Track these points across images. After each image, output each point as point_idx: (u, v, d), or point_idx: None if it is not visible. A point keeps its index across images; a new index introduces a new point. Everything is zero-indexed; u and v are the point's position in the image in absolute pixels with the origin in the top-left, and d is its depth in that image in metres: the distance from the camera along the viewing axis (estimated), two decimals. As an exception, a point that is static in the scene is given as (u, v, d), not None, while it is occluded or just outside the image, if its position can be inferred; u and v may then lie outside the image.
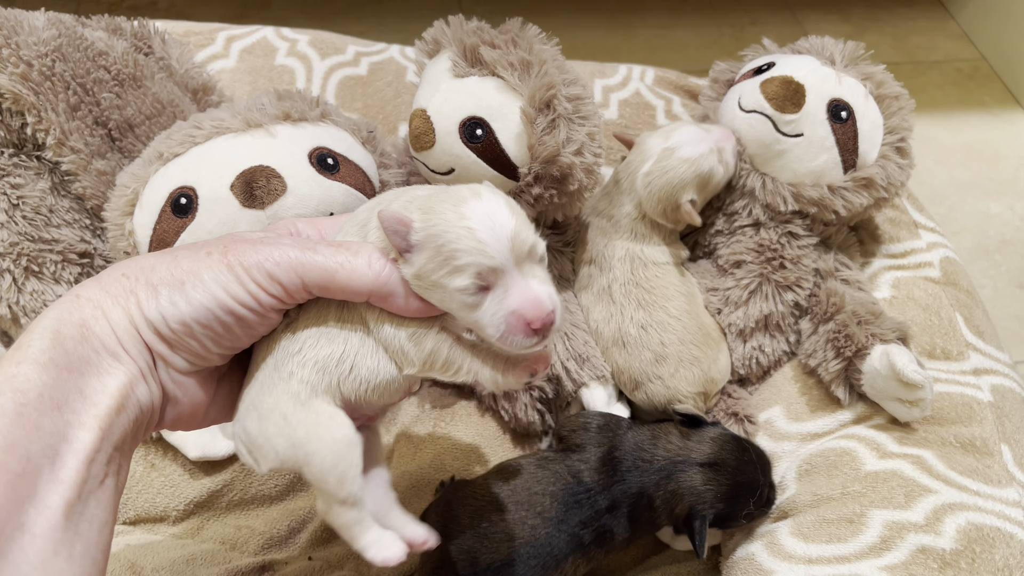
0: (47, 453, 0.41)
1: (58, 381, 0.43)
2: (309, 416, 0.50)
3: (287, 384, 0.50)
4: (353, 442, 0.50)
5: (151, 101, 0.83)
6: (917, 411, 0.76)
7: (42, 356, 0.43)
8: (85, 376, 0.44)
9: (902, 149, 0.83)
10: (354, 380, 0.51)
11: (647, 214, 0.84)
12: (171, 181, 0.74)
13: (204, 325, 0.47)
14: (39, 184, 0.79)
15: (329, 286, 0.49)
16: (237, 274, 0.47)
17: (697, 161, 0.81)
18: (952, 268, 0.91)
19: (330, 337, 0.51)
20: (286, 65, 1.02)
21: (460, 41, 0.78)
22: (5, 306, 0.77)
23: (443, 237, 0.47)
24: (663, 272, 0.85)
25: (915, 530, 0.68)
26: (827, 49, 0.85)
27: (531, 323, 0.47)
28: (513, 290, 0.48)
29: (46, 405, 0.42)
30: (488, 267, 0.47)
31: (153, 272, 0.48)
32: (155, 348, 0.47)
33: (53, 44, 0.77)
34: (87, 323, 0.45)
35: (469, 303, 0.48)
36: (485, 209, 0.48)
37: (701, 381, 0.82)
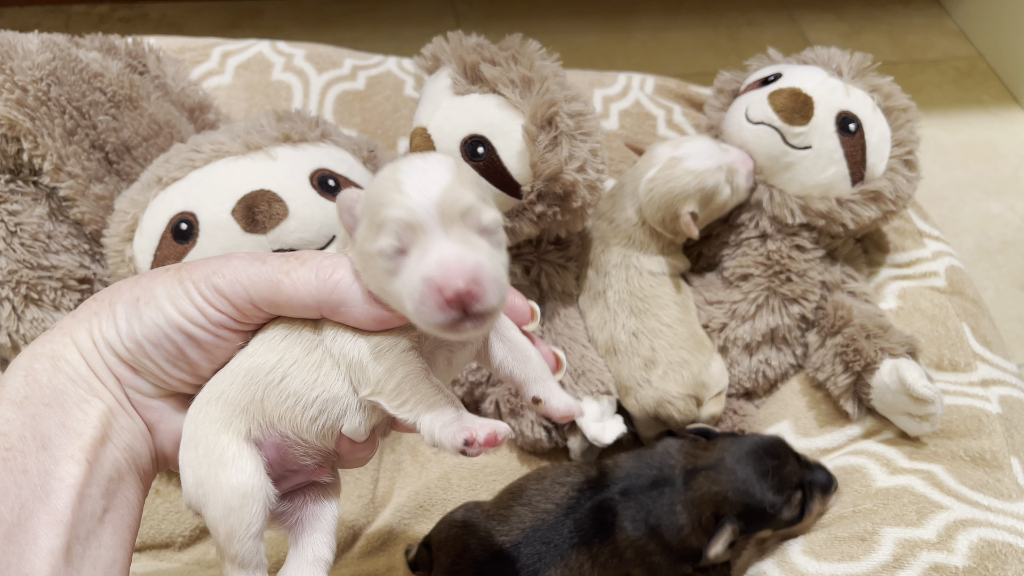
0: (39, 495, 0.40)
1: (37, 419, 0.42)
2: (215, 450, 0.44)
3: (213, 407, 0.45)
4: (249, 495, 0.43)
5: (148, 122, 0.82)
6: (927, 425, 0.75)
7: (17, 395, 0.42)
8: (65, 408, 0.43)
9: (910, 162, 0.83)
10: (281, 394, 0.45)
11: (647, 221, 0.83)
12: (171, 206, 0.73)
13: (155, 344, 0.45)
14: (37, 210, 0.78)
15: (275, 299, 0.45)
16: (186, 288, 0.45)
17: (702, 175, 0.80)
18: (958, 277, 0.90)
19: (270, 347, 0.46)
20: (283, 81, 1.01)
21: (460, 58, 0.77)
22: (5, 335, 0.76)
23: (372, 197, 0.42)
24: (658, 282, 0.84)
25: (927, 547, 0.68)
26: (834, 60, 0.85)
27: (442, 289, 0.39)
28: (430, 252, 0.40)
29: (30, 446, 0.41)
30: (406, 222, 0.40)
31: (117, 293, 0.46)
32: (117, 371, 0.46)
33: (48, 68, 0.76)
34: (58, 353, 0.44)
35: (387, 268, 0.41)
36: (420, 165, 0.42)
37: (691, 384, 0.81)
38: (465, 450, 0.42)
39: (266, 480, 0.45)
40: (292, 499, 0.50)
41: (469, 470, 0.85)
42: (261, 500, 0.44)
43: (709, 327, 0.86)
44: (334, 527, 0.50)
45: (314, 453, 0.47)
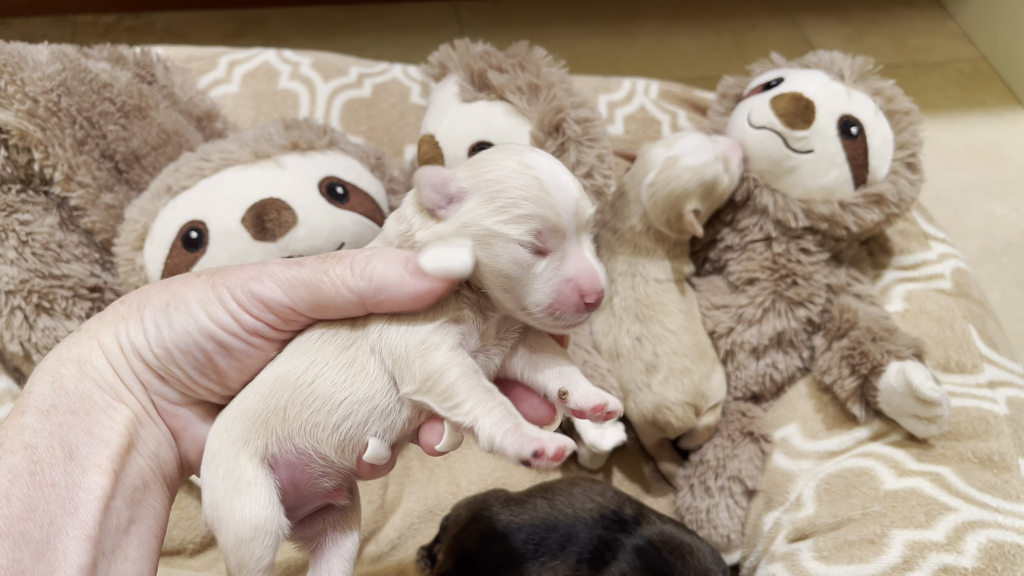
0: (67, 509, 0.39)
1: (64, 427, 0.41)
2: (232, 474, 0.43)
3: (236, 424, 0.45)
4: (261, 527, 0.43)
5: (156, 131, 0.83)
6: (935, 427, 0.75)
7: (44, 402, 0.41)
8: (91, 415, 0.42)
9: (912, 164, 0.83)
10: (308, 398, 0.44)
11: (652, 224, 0.84)
12: (181, 215, 0.73)
13: (184, 351, 0.44)
14: (47, 219, 0.78)
15: (317, 300, 0.44)
16: (219, 294, 0.44)
17: (701, 169, 0.81)
18: (963, 279, 0.90)
19: (303, 351, 0.45)
20: (289, 89, 1.01)
21: (467, 66, 0.77)
22: (17, 343, 0.76)
23: (505, 182, 0.42)
24: (663, 289, 0.85)
25: (937, 549, 0.68)
26: (836, 64, 0.85)
27: (586, 295, 0.42)
28: (572, 257, 0.43)
29: (58, 457, 0.40)
30: (552, 225, 0.42)
31: (146, 297, 0.45)
32: (143, 377, 0.45)
33: (58, 79, 0.77)
34: (84, 357, 0.44)
35: (520, 260, 0.42)
36: (550, 164, 0.43)
37: (691, 392, 0.82)
38: (531, 461, 0.40)
39: (279, 511, 0.44)
40: (312, 524, 0.49)
41: (478, 475, 0.85)
42: (273, 533, 0.43)
43: (716, 331, 0.86)
44: (353, 555, 0.49)
45: (332, 472, 0.46)
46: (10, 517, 0.38)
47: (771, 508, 0.81)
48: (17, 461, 0.39)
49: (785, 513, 0.79)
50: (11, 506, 0.38)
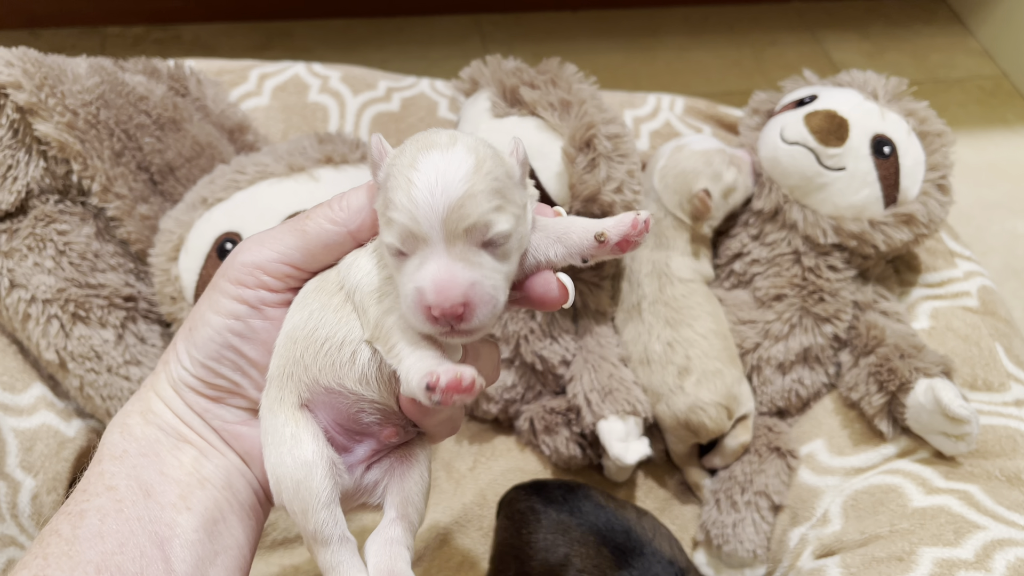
0: (155, 542, 0.42)
1: (138, 469, 0.44)
2: (276, 434, 0.44)
3: (267, 391, 0.46)
4: (311, 463, 0.43)
5: (190, 143, 0.84)
6: (963, 445, 0.75)
7: (116, 449, 0.45)
8: (160, 457, 0.45)
9: (943, 186, 0.83)
10: (315, 343, 0.44)
11: (668, 210, 0.87)
12: (216, 226, 0.74)
13: (216, 359, 0.46)
14: (84, 229, 0.79)
15: (307, 246, 0.45)
16: (220, 287, 0.45)
17: (707, 152, 0.86)
18: (990, 297, 0.91)
19: (302, 305, 0.45)
20: (319, 102, 1.02)
21: (499, 82, 0.78)
22: (53, 351, 0.77)
23: (390, 182, 0.41)
24: (689, 291, 0.86)
25: (965, 567, 0.68)
26: (870, 84, 0.86)
27: (431, 308, 0.39)
28: (427, 266, 0.40)
29: (137, 495, 0.43)
30: (410, 231, 0.40)
31: (178, 334, 0.48)
32: (199, 408, 0.47)
33: (97, 92, 0.78)
34: (146, 407, 0.47)
35: (392, 262, 0.42)
36: (440, 165, 0.40)
37: (723, 393, 0.82)
38: (431, 396, 0.39)
39: (325, 446, 0.44)
40: (377, 473, 0.48)
41: (503, 486, 0.85)
42: (323, 465, 0.44)
43: (742, 347, 0.86)
44: (417, 501, 0.48)
45: (370, 408, 0.46)
46: (105, 552, 0.41)
47: (797, 524, 0.81)
48: (103, 502, 0.42)
49: (811, 529, 0.79)
50: (105, 542, 0.41)
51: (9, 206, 0.76)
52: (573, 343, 0.85)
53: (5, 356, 0.80)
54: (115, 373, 0.79)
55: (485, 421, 0.90)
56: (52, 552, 0.41)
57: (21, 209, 0.78)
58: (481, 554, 0.81)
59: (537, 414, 0.85)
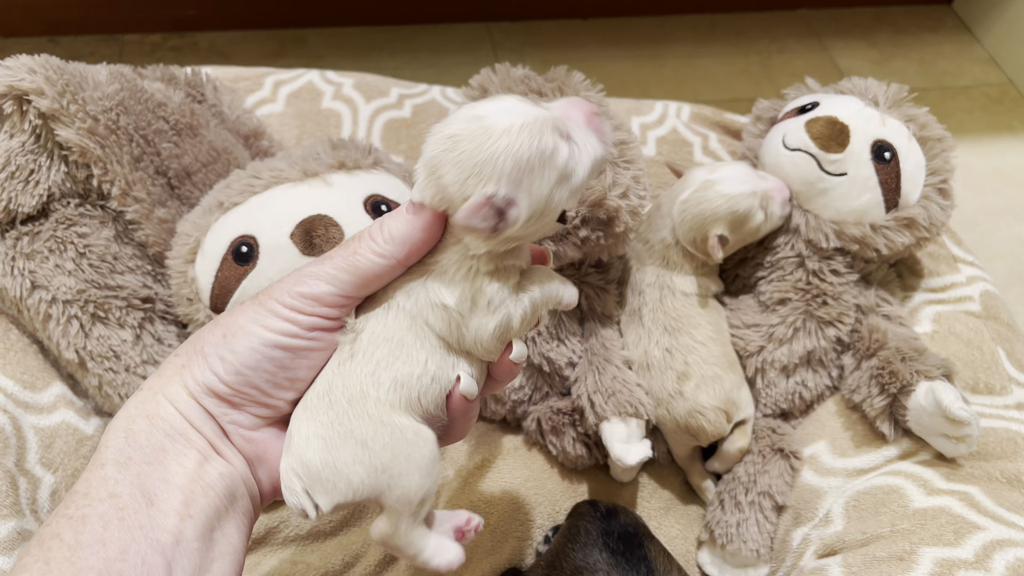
0: (156, 550, 0.42)
1: (142, 477, 0.44)
2: (394, 437, 0.48)
3: (362, 406, 0.48)
4: (438, 458, 0.49)
5: (207, 149, 0.86)
6: (964, 447, 0.76)
7: (121, 456, 0.45)
8: (165, 465, 0.45)
9: (944, 190, 0.84)
10: (435, 389, 0.49)
11: (680, 241, 0.86)
12: (232, 230, 0.76)
13: (254, 368, 0.47)
14: (103, 232, 0.81)
15: (359, 278, 0.48)
16: (271, 308, 0.47)
17: (734, 199, 0.83)
18: (992, 302, 0.92)
19: (404, 350, 0.49)
20: (332, 109, 1.05)
21: (508, 89, 0.80)
22: (72, 351, 0.79)
23: (519, 155, 0.44)
24: (690, 303, 0.87)
25: (965, 567, 0.69)
26: (871, 90, 0.87)
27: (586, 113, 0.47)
28: (580, 123, 0.47)
29: (140, 503, 0.43)
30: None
31: (199, 341, 0.49)
32: (215, 412, 0.48)
33: (117, 98, 0.80)
34: (152, 412, 0.47)
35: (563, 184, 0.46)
36: (503, 108, 0.46)
37: (722, 398, 0.83)
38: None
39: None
40: None
41: (510, 484, 0.87)
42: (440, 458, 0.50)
43: (746, 350, 0.88)
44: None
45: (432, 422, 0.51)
46: (107, 559, 0.41)
47: (800, 524, 0.82)
48: (106, 509, 0.43)
49: (814, 529, 0.80)
50: (107, 549, 0.41)
51: (31, 209, 0.78)
52: (579, 345, 0.87)
53: (26, 355, 0.83)
54: (133, 372, 0.81)
55: (493, 421, 0.92)
56: (54, 557, 0.41)
57: (43, 212, 0.80)
58: (486, 549, 0.83)
59: (544, 415, 0.86)
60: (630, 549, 0.70)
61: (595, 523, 0.72)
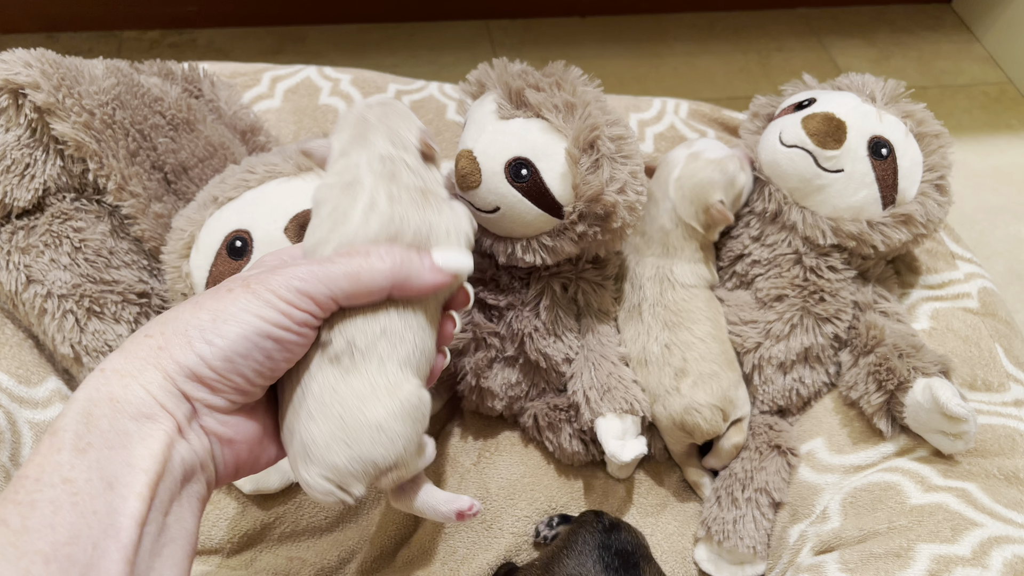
0: (109, 533, 0.41)
1: (102, 461, 0.43)
2: (404, 408, 0.51)
3: (373, 398, 0.51)
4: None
5: (204, 144, 0.86)
6: (961, 444, 0.76)
7: (80, 442, 0.43)
8: (128, 448, 0.44)
9: (941, 187, 0.84)
10: (426, 360, 0.55)
11: (681, 220, 0.87)
12: (226, 224, 0.76)
13: (244, 356, 0.48)
14: (99, 227, 0.81)
15: (355, 289, 0.50)
16: (266, 299, 0.48)
17: (722, 162, 0.87)
18: (990, 299, 0.91)
19: (398, 336, 0.53)
20: (330, 104, 1.04)
21: (505, 84, 0.80)
22: (68, 346, 0.79)
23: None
24: (690, 296, 0.87)
25: (962, 564, 0.69)
26: (868, 87, 0.87)
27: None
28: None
29: (97, 488, 0.42)
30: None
31: (178, 322, 0.48)
32: (194, 395, 0.47)
33: (113, 93, 0.80)
34: (116, 396, 0.45)
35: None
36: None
37: (719, 396, 0.83)
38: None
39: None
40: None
41: (507, 480, 0.87)
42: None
43: (744, 346, 0.87)
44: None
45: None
46: (56, 543, 0.40)
47: (797, 520, 0.82)
48: (58, 494, 0.41)
49: (811, 526, 0.80)
50: (55, 533, 0.40)
51: (27, 203, 0.78)
52: (576, 341, 0.87)
53: (21, 350, 0.82)
54: (128, 367, 0.80)
55: (489, 417, 0.91)
56: None
57: (38, 207, 0.80)
58: (482, 545, 0.83)
59: (541, 411, 0.86)
60: (625, 568, 0.70)
61: (595, 535, 0.72)
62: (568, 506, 0.86)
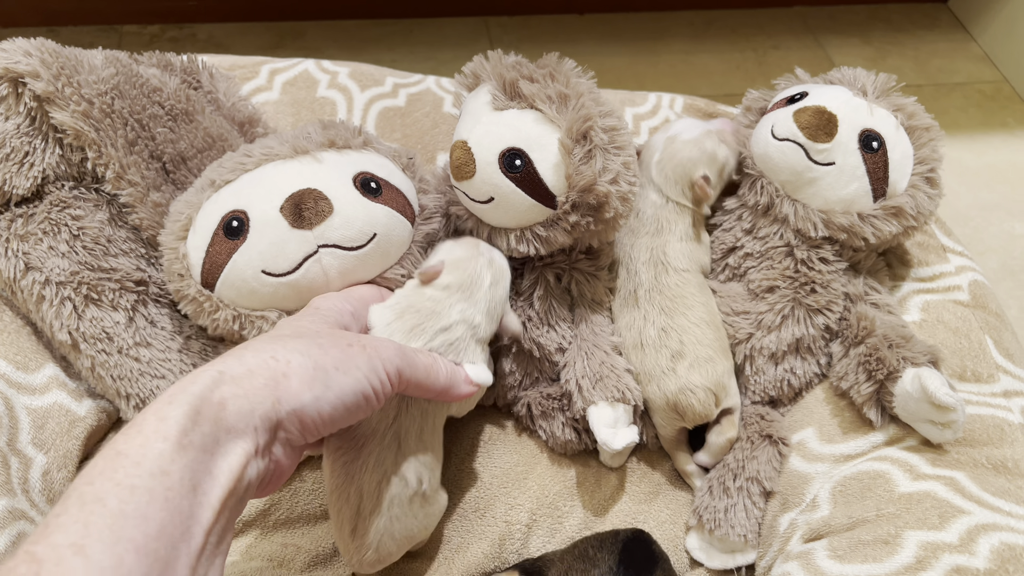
0: (184, 537, 0.43)
1: (195, 463, 0.45)
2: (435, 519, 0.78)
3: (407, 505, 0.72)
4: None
5: (202, 135, 0.87)
6: (949, 433, 0.77)
7: (183, 438, 0.45)
8: (215, 457, 0.46)
9: (931, 179, 0.85)
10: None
11: (670, 198, 0.90)
12: (223, 206, 0.77)
13: (351, 409, 0.54)
14: (98, 215, 0.82)
15: (424, 383, 0.63)
16: (375, 366, 0.56)
17: (699, 140, 0.90)
18: (981, 291, 0.92)
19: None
20: (328, 97, 1.05)
21: (500, 76, 0.81)
22: (65, 332, 0.80)
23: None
24: (683, 281, 0.88)
25: (949, 550, 0.69)
26: (859, 80, 0.87)
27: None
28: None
29: (186, 488, 0.44)
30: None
31: (305, 358, 0.52)
32: (288, 429, 0.51)
33: (112, 82, 0.81)
34: (226, 404, 0.48)
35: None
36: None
37: (714, 380, 0.84)
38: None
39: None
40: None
41: (500, 470, 0.87)
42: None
43: (736, 337, 0.88)
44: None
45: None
46: (148, 535, 0.41)
47: (787, 509, 0.83)
48: (155, 484, 0.43)
49: (801, 514, 0.80)
50: (147, 525, 0.41)
51: (25, 191, 0.79)
52: (569, 331, 0.87)
53: (19, 337, 0.83)
54: (125, 354, 0.81)
55: (483, 407, 0.92)
56: (95, 522, 0.40)
57: (37, 194, 0.80)
58: (475, 534, 0.83)
59: (534, 400, 0.87)
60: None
61: (605, 555, 0.72)
62: (561, 495, 0.86)
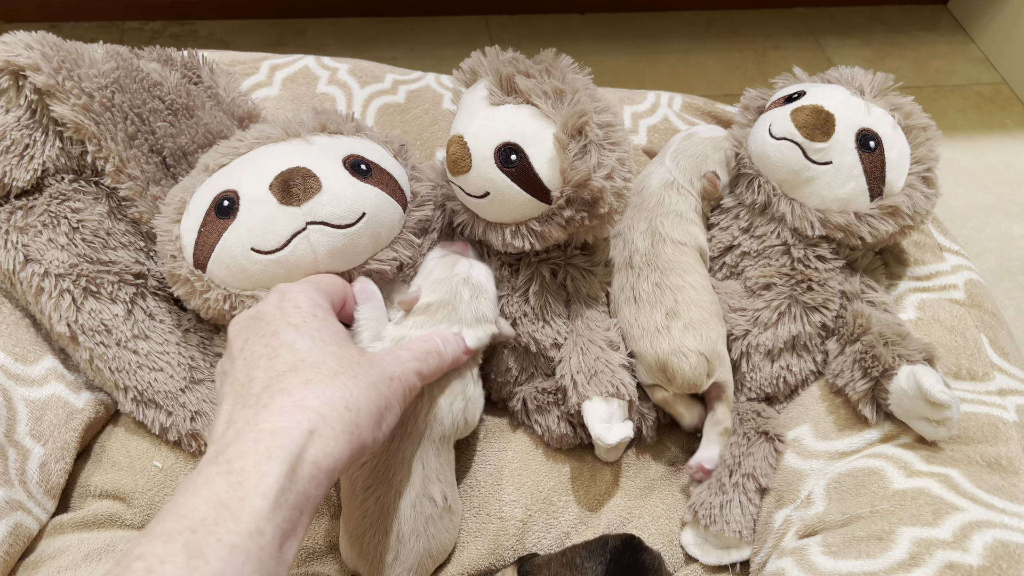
0: None
1: (285, 522, 0.46)
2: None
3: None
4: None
5: (203, 130, 0.87)
6: (944, 430, 0.77)
7: (280, 497, 0.46)
8: (302, 515, 0.48)
9: (928, 179, 0.85)
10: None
11: (677, 180, 0.92)
12: (215, 188, 0.77)
13: (386, 436, 0.60)
14: (97, 208, 0.83)
15: (441, 367, 0.71)
16: (405, 392, 0.63)
17: (716, 140, 0.93)
18: (977, 290, 0.92)
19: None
20: (327, 93, 1.05)
21: (496, 71, 0.81)
22: (64, 324, 0.80)
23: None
24: (680, 252, 0.88)
25: (943, 547, 0.70)
26: (857, 80, 0.88)
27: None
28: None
29: (275, 548, 0.45)
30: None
31: (370, 404, 0.56)
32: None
33: (112, 76, 0.81)
34: (318, 462, 0.49)
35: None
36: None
37: (707, 346, 0.84)
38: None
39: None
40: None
41: (495, 466, 0.88)
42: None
43: (732, 334, 0.88)
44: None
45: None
46: None
47: (782, 505, 0.83)
48: (251, 544, 0.44)
49: (795, 510, 0.81)
50: None
51: (25, 184, 0.80)
52: (565, 327, 0.88)
53: (18, 329, 0.83)
54: (123, 347, 0.82)
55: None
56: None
57: (37, 187, 0.81)
58: (471, 531, 0.84)
59: (530, 394, 0.87)
60: None
61: (597, 564, 0.72)
62: (555, 490, 0.86)
